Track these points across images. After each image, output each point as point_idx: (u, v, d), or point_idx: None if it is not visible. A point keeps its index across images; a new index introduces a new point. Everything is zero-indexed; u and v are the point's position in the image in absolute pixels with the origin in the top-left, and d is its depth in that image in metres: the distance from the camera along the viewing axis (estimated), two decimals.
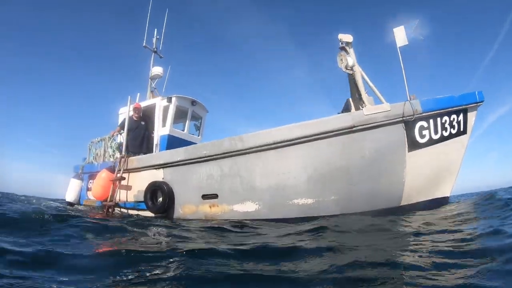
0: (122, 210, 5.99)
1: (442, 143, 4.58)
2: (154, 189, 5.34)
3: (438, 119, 4.52)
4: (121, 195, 5.84)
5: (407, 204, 4.56)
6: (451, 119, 4.61)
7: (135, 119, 6.59)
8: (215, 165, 4.75)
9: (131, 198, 5.79)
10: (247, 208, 4.57)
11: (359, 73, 4.40)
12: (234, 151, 4.56)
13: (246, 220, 4.53)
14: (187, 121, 7.34)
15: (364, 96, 4.38)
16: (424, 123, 4.46)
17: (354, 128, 4.23)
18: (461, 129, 4.70)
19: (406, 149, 4.40)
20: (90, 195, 6.92)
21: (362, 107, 4.34)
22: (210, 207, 4.84)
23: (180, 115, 7.17)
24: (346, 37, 4.44)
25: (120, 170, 5.72)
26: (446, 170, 4.73)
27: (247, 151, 4.48)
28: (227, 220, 4.56)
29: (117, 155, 6.38)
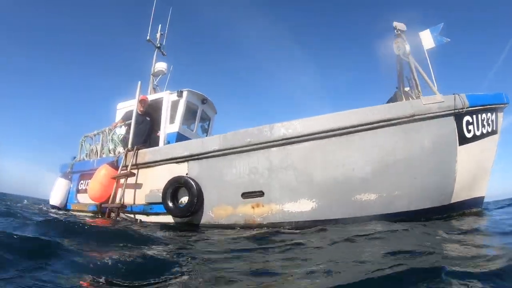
0: (128, 214, 4.76)
1: (482, 140, 4.60)
2: (177, 187, 4.35)
3: (479, 115, 4.58)
4: (127, 196, 4.66)
5: (455, 202, 4.40)
6: (487, 117, 4.72)
7: (140, 113, 5.68)
8: (262, 156, 4.05)
9: (141, 200, 4.67)
10: (301, 207, 3.90)
11: (413, 62, 4.36)
12: (287, 139, 3.95)
13: (299, 222, 3.86)
14: (196, 121, 6.52)
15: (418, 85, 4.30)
16: (470, 118, 4.45)
17: (414, 117, 4.03)
18: (494, 129, 4.84)
19: (457, 142, 4.32)
20: (81, 198, 5.67)
21: (418, 96, 4.26)
22: (253, 207, 4.04)
23: (188, 114, 6.34)
24: (400, 26, 4.40)
25: (127, 165, 4.61)
26: (483, 169, 4.75)
27: (305, 138, 3.92)
28: (277, 224, 3.82)
29: (120, 149, 5.24)
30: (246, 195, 4.08)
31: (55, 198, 5.94)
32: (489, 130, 4.74)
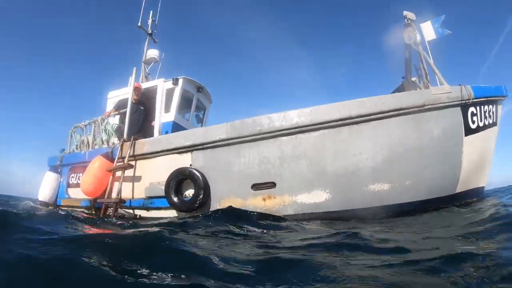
0: (126, 210, 4.39)
1: (485, 131, 4.69)
2: (181, 179, 4.05)
3: (483, 107, 4.65)
4: (124, 190, 4.30)
5: (460, 192, 4.46)
6: (489, 108, 4.81)
7: (133, 101, 5.32)
8: (273, 145, 3.85)
9: (140, 194, 4.34)
10: (314, 198, 3.75)
11: (422, 52, 4.33)
12: (299, 127, 3.78)
13: (313, 213, 3.71)
14: (192, 110, 6.19)
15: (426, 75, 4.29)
16: (474, 109, 4.50)
17: (425, 107, 4.02)
18: (494, 120, 4.95)
19: (463, 133, 4.37)
20: (73, 192, 5.24)
21: (427, 86, 4.25)
22: (264, 199, 3.84)
23: (183, 103, 6.01)
24: (410, 15, 4.36)
25: (123, 157, 4.24)
26: (485, 160, 4.85)
27: (317, 127, 3.76)
28: (290, 216, 3.64)
29: (114, 140, 4.84)
30: (256, 186, 3.87)
31: (44, 193, 5.46)
32: (490, 121, 4.83)
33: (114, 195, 4.35)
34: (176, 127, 5.45)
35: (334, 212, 3.69)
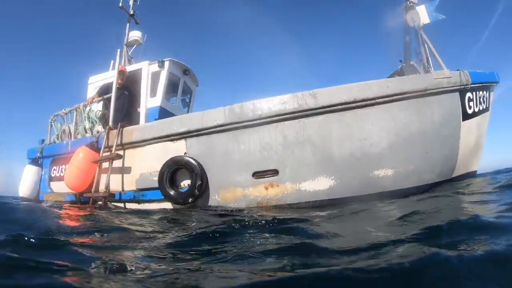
0: (116, 204, 4.03)
1: (479, 116, 4.76)
2: (176, 169, 3.74)
3: (478, 92, 4.70)
4: (113, 183, 3.93)
5: (456, 176, 4.53)
6: (483, 94, 4.88)
7: (118, 85, 4.92)
8: (275, 130, 3.63)
9: (130, 186, 4.01)
10: (319, 185, 3.59)
11: (424, 35, 4.25)
12: (303, 111, 3.58)
13: (316, 201, 3.56)
14: (178, 94, 5.91)
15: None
16: (471, 95, 4.55)
17: (427, 91, 3.97)
18: (487, 106, 5.04)
19: (461, 118, 4.39)
20: (56, 186, 4.87)
21: (428, 71, 4.21)
22: (266, 188, 3.63)
23: (169, 86, 5.67)
24: None
25: (110, 146, 3.85)
26: (479, 144, 4.95)
27: (322, 110, 3.58)
28: (293, 205, 3.47)
29: (99, 128, 4.42)
30: (257, 174, 3.65)
31: (25, 188, 5.03)
32: (484, 107, 4.90)
33: (101, 188, 4.01)
34: (163, 112, 5.14)
35: (339, 199, 3.57)
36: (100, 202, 3.75)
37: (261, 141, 3.64)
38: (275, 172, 3.62)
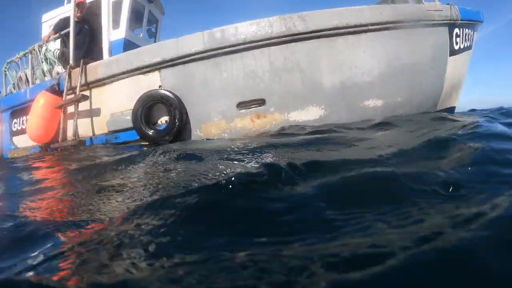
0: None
1: (463, 53, 4.76)
2: (151, 104, 3.34)
3: (464, 29, 4.66)
4: (81, 128, 3.50)
5: (439, 110, 4.60)
6: (468, 32, 4.85)
7: (76, 19, 4.30)
8: (260, 56, 3.30)
9: (101, 129, 3.63)
10: (308, 115, 3.40)
11: None
12: (291, 35, 3.26)
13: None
14: (144, 25, 5.41)
15: None
16: (458, 31, 4.49)
17: (420, 22, 3.82)
18: (470, 44, 5.04)
19: (448, 53, 4.35)
20: (19, 141, 4.44)
21: (420, 1, 4.06)
22: (253, 120, 3.37)
23: (133, 16, 5.13)
24: None
25: (73, 87, 3.35)
26: (460, 81, 5.02)
27: (311, 35, 3.29)
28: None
29: (58, 69, 3.89)
30: (242, 105, 3.36)
31: None
32: (468, 45, 4.89)
33: (69, 135, 3.60)
34: (127, 44, 4.66)
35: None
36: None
37: (246, 68, 3.31)
38: (261, 101, 3.35)
